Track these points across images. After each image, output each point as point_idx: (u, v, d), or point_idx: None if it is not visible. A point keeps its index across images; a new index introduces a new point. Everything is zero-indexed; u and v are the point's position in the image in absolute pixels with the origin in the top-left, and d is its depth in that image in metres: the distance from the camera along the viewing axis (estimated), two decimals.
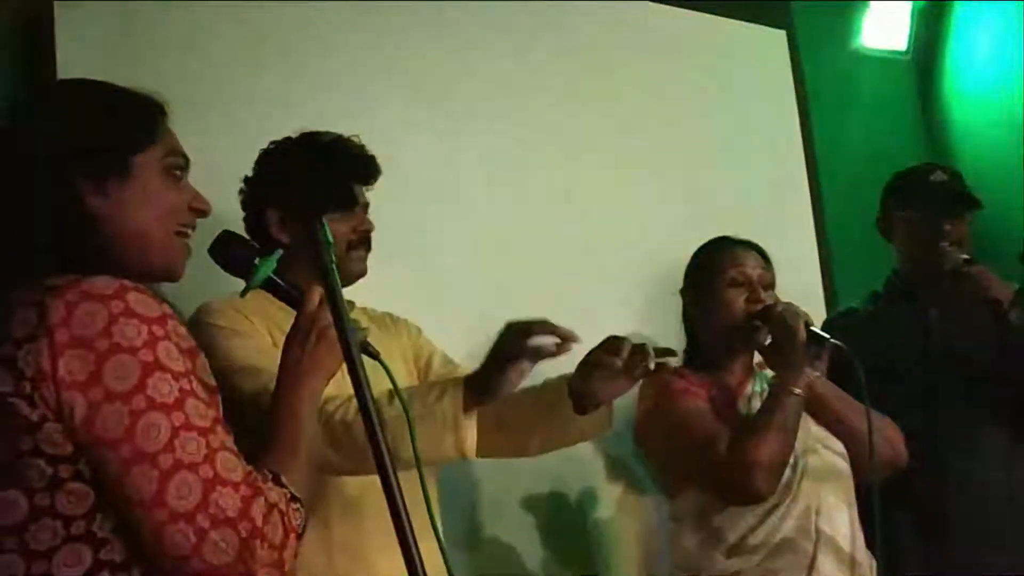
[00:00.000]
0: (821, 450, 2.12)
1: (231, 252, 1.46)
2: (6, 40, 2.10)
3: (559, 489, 2.67)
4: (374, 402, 1.23)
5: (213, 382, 1.26)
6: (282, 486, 1.25)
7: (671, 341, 2.33)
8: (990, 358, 2.37)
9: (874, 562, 2.11)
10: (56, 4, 2.11)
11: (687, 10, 3.12)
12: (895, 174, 2.62)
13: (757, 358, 2.23)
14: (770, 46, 3.32)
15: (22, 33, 2.12)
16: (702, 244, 2.29)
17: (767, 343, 2.14)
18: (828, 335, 2.06)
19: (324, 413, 1.64)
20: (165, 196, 1.31)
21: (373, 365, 1.37)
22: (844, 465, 2.14)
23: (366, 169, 1.98)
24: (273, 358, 1.45)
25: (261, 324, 1.82)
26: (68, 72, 2.01)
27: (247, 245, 1.47)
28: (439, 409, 1.69)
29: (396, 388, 1.43)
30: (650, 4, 3.03)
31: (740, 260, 2.19)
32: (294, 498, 1.26)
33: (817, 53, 3.42)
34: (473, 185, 2.62)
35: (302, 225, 1.83)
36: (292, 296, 1.46)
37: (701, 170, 3.03)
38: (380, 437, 1.22)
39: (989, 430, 2.39)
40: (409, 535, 1.16)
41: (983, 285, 2.33)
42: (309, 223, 1.41)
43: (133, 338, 1.15)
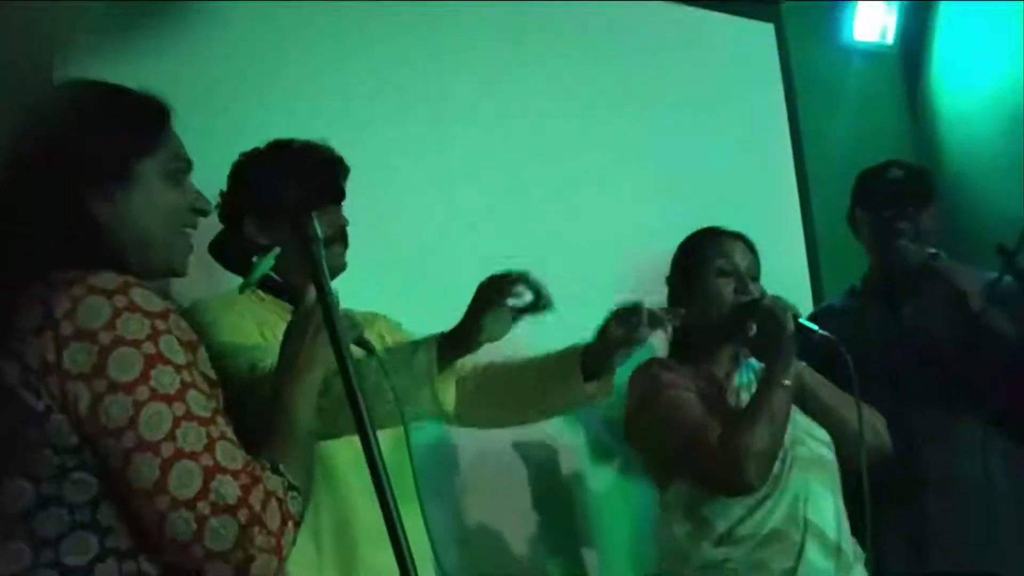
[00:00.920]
0: (808, 440, 2.13)
1: (230, 250, 1.47)
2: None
3: (547, 475, 2.68)
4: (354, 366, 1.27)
5: (214, 375, 1.29)
6: (280, 474, 1.28)
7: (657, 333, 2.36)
8: (962, 351, 2.38)
9: (859, 550, 2.13)
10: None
11: (675, 4, 3.13)
12: (859, 173, 2.64)
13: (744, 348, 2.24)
14: (758, 39, 3.34)
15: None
16: (690, 234, 2.30)
17: (753, 334, 2.15)
18: (816, 327, 2.07)
19: None
20: (167, 200, 1.34)
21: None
22: (830, 455, 2.16)
23: (338, 169, 2.01)
24: (256, 338, 1.46)
25: (251, 320, 1.83)
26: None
27: (243, 243, 1.48)
28: (414, 363, 1.73)
29: (389, 379, 1.44)
30: None
31: (728, 250, 2.20)
32: (292, 486, 1.28)
33: (804, 46, 3.45)
34: (459, 180, 2.63)
35: (282, 225, 1.82)
36: (288, 293, 1.47)
37: (688, 162, 3.04)
38: (368, 425, 1.25)
39: (963, 422, 2.40)
40: (397, 524, 1.19)
41: (947, 276, 2.35)
42: (291, 221, 1.42)
43: (136, 331, 1.18)
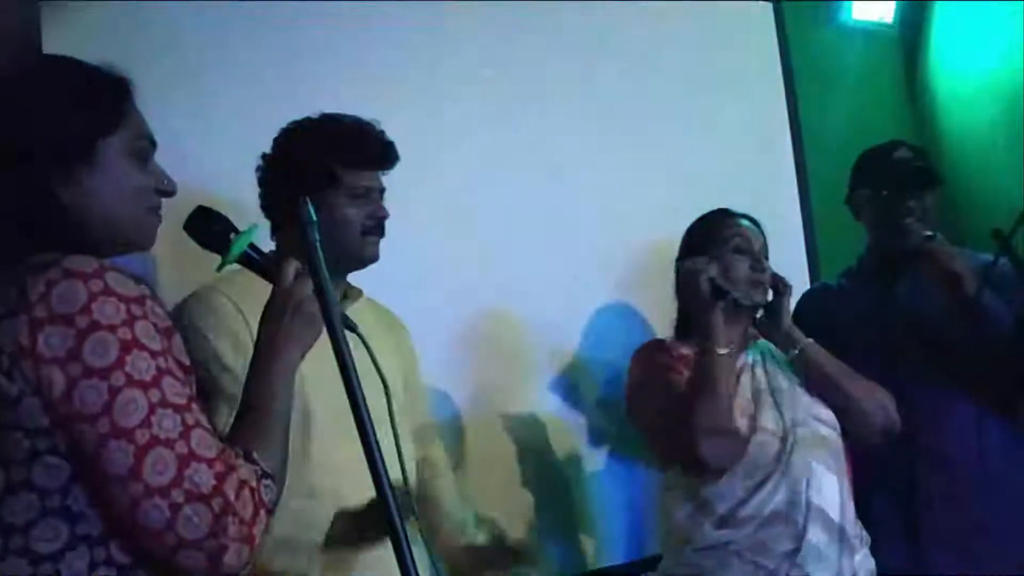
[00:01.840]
0: (811, 421, 2.13)
1: (207, 228, 1.47)
2: None
3: (544, 457, 2.69)
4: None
5: (187, 361, 1.28)
6: (253, 463, 1.27)
7: (654, 313, 2.37)
8: (956, 332, 2.38)
9: (865, 533, 2.14)
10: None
11: None
12: (862, 153, 2.63)
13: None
14: (756, 19, 3.32)
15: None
16: (702, 215, 2.29)
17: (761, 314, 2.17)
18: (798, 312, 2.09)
19: None
20: (132, 180, 1.31)
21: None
22: (834, 435, 2.15)
23: (381, 155, 1.99)
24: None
25: (251, 305, 1.81)
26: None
27: (222, 220, 1.47)
28: None
29: (375, 362, 1.44)
30: None
31: (742, 229, 2.21)
32: (265, 474, 1.27)
33: (803, 26, 3.43)
34: (456, 163, 2.61)
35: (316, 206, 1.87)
36: (267, 270, 1.45)
37: (686, 142, 3.03)
38: (363, 409, 1.26)
39: (958, 403, 2.41)
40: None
41: (940, 259, 2.35)
42: (287, 204, 1.41)
43: (112, 316, 1.16)
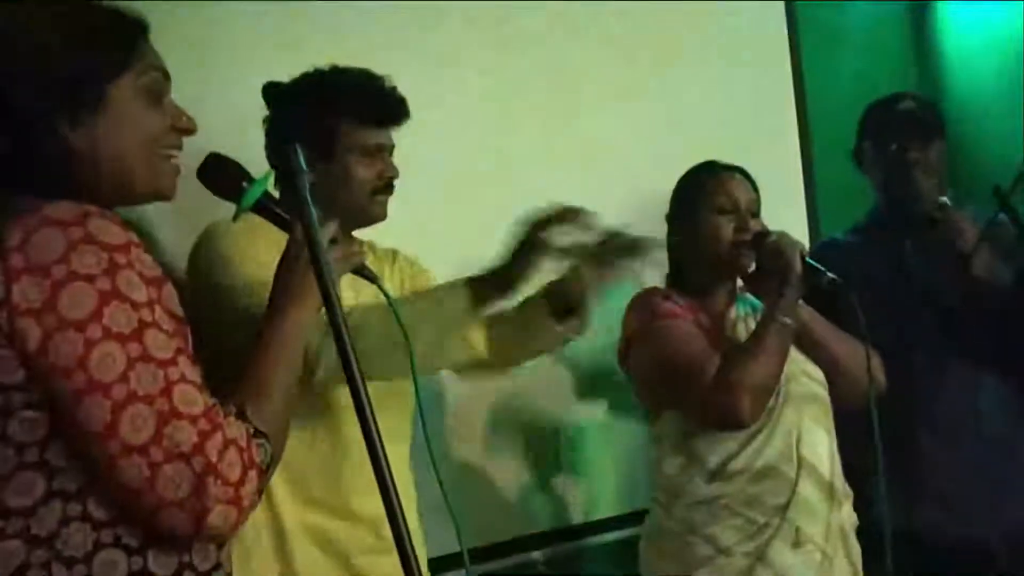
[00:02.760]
0: (802, 377, 2.12)
1: (220, 175, 1.42)
2: None
3: (535, 412, 2.68)
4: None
5: (181, 312, 1.22)
6: (245, 420, 1.22)
7: (653, 267, 2.33)
8: (959, 294, 2.37)
9: (848, 488, 2.13)
10: None
11: None
12: (868, 105, 2.60)
13: (740, 282, 2.22)
14: None
15: None
16: (689, 170, 2.26)
17: (753, 270, 2.13)
18: (824, 269, 2.04)
19: None
20: (145, 122, 1.25)
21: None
22: (824, 392, 2.15)
23: (392, 112, 1.95)
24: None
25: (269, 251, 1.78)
26: None
27: (236, 168, 1.43)
28: (445, 309, 1.72)
29: (395, 311, 1.40)
30: None
31: (727, 185, 2.17)
32: (258, 433, 1.23)
33: None
34: (454, 115, 2.56)
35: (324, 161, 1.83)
36: (283, 220, 1.42)
37: (688, 98, 2.98)
38: (354, 365, 1.21)
39: (957, 361, 2.41)
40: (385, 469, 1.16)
41: (952, 234, 2.32)
42: (276, 152, 1.37)
43: (91, 266, 1.11)
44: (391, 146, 1.98)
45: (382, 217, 1.96)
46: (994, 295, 2.32)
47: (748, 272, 2.15)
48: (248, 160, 1.52)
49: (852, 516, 2.12)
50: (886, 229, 2.53)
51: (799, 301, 2.09)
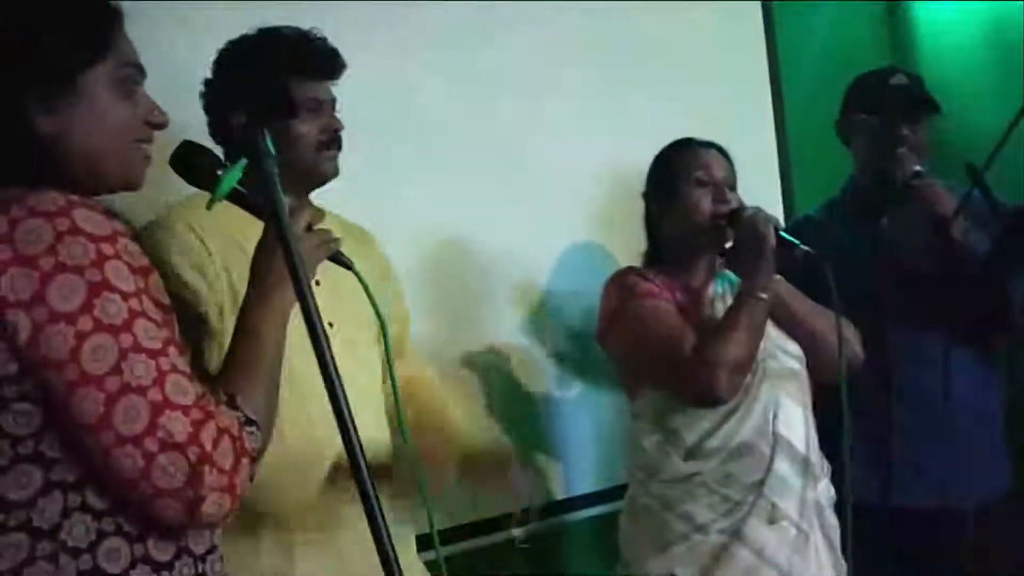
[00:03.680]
0: (779, 354, 2.14)
1: (193, 164, 1.41)
2: None
3: (512, 386, 2.68)
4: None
5: (167, 301, 1.22)
6: (236, 408, 1.23)
7: (632, 245, 2.34)
8: (935, 268, 2.39)
9: (826, 463, 2.15)
10: None
11: None
12: (856, 77, 2.59)
13: (719, 259, 2.23)
14: None
15: None
16: (664, 147, 2.26)
17: (730, 246, 2.14)
18: (798, 241, 2.06)
19: None
20: (117, 112, 1.24)
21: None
22: (800, 368, 2.16)
23: (328, 64, 1.89)
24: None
25: (217, 245, 1.75)
26: None
27: (209, 156, 1.42)
28: None
29: (371, 297, 1.40)
30: None
31: (705, 161, 2.17)
32: (249, 421, 1.23)
33: None
34: (426, 97, 2.54)
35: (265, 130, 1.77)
36: (259, 207, 1.41)
37: (661, 71, 2.97)
38: (328, 359, 1.19)
39: (931, 338, 2.43)
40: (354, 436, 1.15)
41: (930, 199, 2.33)
42: (241, 134, 1.36)
43: (80, 257, 1.11)
44: (333, 100, 1.91)
45: (333, 174, 1.89)
46: (971, 260, 2.33)
47: (725, 248, 2.16)
48: None
49: (829, 491, 2.14)
50: (862, 203, 2.54)
51: (776, 276, 2.10)
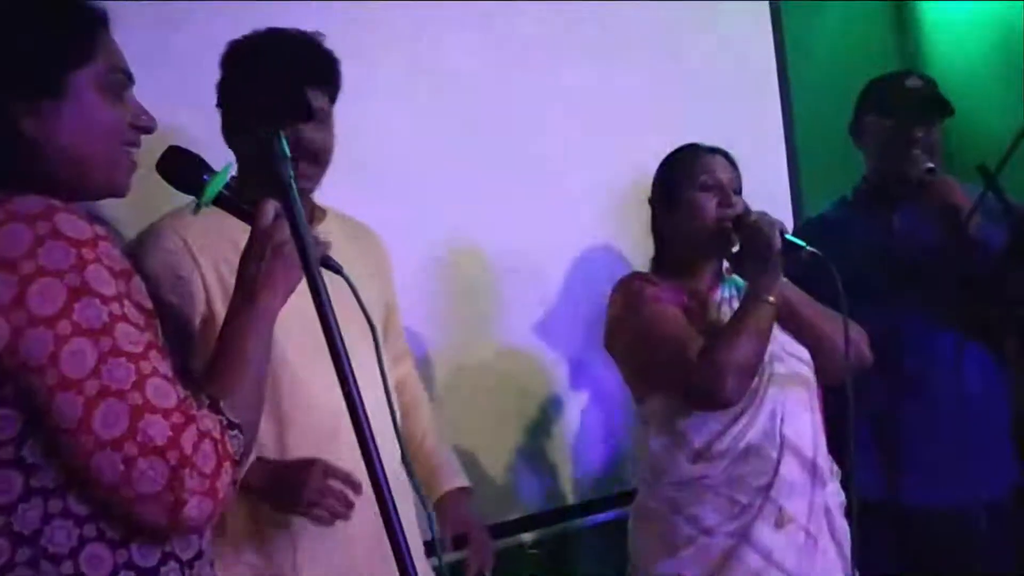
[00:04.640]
0: (786, 357, 2.13)
1: (179, 168, 1.41)
2: None
3: (524, 389, 2.68)
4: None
5: (150, 304, 1.22)
6: (218, 412, 1.22)
7: (639, 249, 2.34)
8: (948, 266, 2.38)
9: (834, 466, 2.14)
10: None
11: None
12: (871, 80, 2.59)
13: (726, 264, 2.22)
14: None
15: None
16: (670, 152, 2.26)
17: (737, 250, 2.13)
18: (804, 243, 2.05)
19: None
20: (104, 115, 1.24)
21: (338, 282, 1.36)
22: (808, 371, 2.15)
23: (331, 71, 1.85)
24: None
25: (206, 255, 1.76)
26: None
27: (196, 161, 1.42)
28: None
29: (360, 302, 1.40)
30: None
31: (710, 164, 2.16)
32: (232, 424, 1.23)
33: None
34: (437, 99, 2.56)
35: (252, 135, 1.69)
36: (245, 211, 1.41)
37: (668, 74, 2.98)
38: (344, 360, 1.23)
39: (943, 335, 2.43)
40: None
41: (944, 194, 2.33)
42: (257, 133, 1.36)
43: (60, 261, 1.11)
44: (321, 108, 1.85)
45: (306, 190, 1.82)
46: (985, 257, 2.33)
47: (732, 252, 2.15)
48: None
49: (838, 494, 2.13)
50: (875, 200, 2.54)
51: (783, 279, 2.10)
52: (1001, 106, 3.05)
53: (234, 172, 1.50)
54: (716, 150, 2.20)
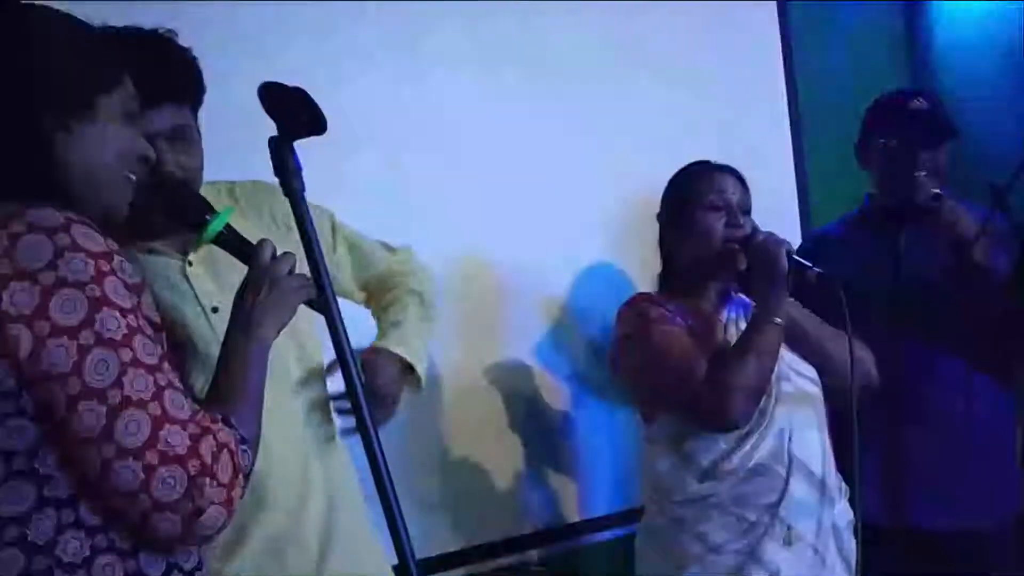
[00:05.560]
0: (794, 376, 2.12)
1: (182, 206, 1.43)
2: None
3: (531, 407, 2.68)
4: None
5: (158, 319, 1.26)
6: (232, 427, 1.25)
7: (646, 268, 2.34)
8: (954, 289, 2.38)
9: (843, 485, 2.14)
10: None
11: None
12: (876, 98, 2.58)
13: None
14: None
15: None
16: (679, 169, 2.26)
17: (744, 270, 2.13)
18: (810, 263, 2.05)
19: None
20: (122, 140, 1.29)
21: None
22: (816, 390, 2.15)
23: (174, 85, 1.58)
24: None
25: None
26: None
27: (199, 199, 1.44)
28: None
29: (337, 336, 1.39)
30: None
31: (719, 185, 2.16)
32: (243, 439, 1.26)
33: None
34: (451, 111, 2.57)
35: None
36: (242, 251, 1.45)
37: (680, 93, 2.98)
38: (358, 387, 1.29)
39: (949, 359, 2.41)
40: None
41: (952, 221, 2.32)
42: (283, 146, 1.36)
43: (80, 272, 1.13)
44: (174, 125, 1.59)
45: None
46: (991, 283, 2.32)
47: (740, 272, 2.15)
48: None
49: (847, 513, 2.12)
50: (880, 221, 2.53)
51: (790, 300, 2.10)
52: (1012, 125, 3.05)
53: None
54: (726, 168, 2.20)
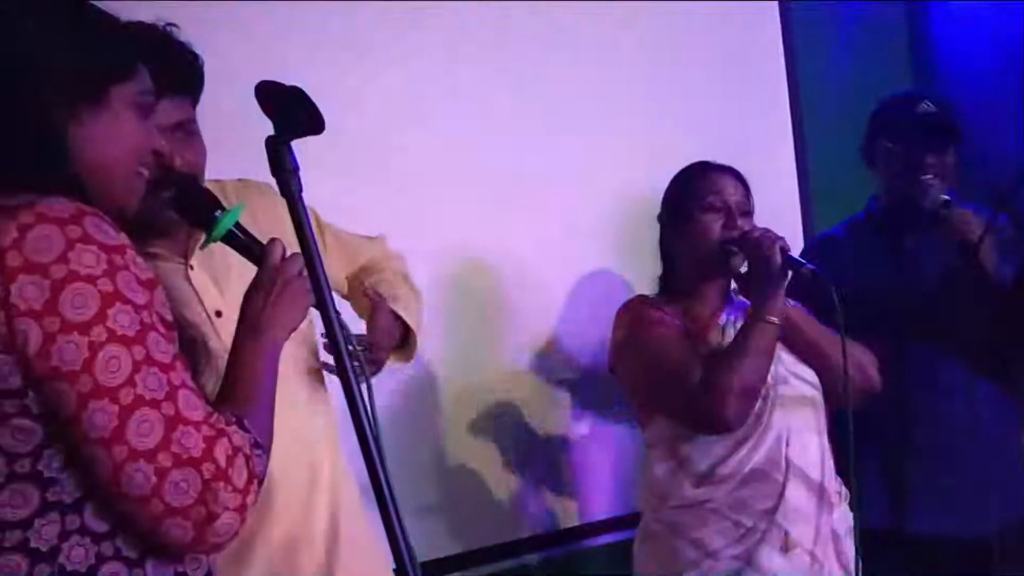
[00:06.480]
0: (792, 379, 2.10)
1: (192, 202, 1.41)
2: None
3: (528, 418, 2.67)
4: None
5: (171, 317, 1.20)
6: (246, 430, 1.21)
7: (645, 269, 2.32)
8: (959, 294, 2.36)
9: (843, 489, 2.12)
10: None
11: None
12: (882, 101, 2.57)
13: (734, 285, 2.20)
14: None
15: None
16: (680, 170, 2.24)
17: (743, 270, 2.11)
18: (805, 261, 2.03)
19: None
20: (135, 132, 1.24)
21: None
22: (814, 393, 2.13)
23: (176, 78, 1.56)
24: None
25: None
26: None
27: (209, 196, 1.42)
28: None
29: (335, 336, 1.37)
30: None
31: (718, 185, 2.14)
32: (257, 443, 1.21)
33: None
34: (445, 116, 2.55)
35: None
36: (252, 250, 1.42)
37: (681, 94, 2.97)
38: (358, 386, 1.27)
39: (953, 364, 2.40)
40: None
41: (959, 227, 2.31)
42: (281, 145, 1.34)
43: (92, 266, 1.08)
44: (178, 121, 1.59)
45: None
46: (996, 289, 2.31)
47: (738, 273, 2.13)
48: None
49: (847, 518, 2.10)
50: (886, 226, 2.51)
51: (789, 301, 2.07)
52: (1014, 126, 3.04)
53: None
54: (726, 169, 2.18)
